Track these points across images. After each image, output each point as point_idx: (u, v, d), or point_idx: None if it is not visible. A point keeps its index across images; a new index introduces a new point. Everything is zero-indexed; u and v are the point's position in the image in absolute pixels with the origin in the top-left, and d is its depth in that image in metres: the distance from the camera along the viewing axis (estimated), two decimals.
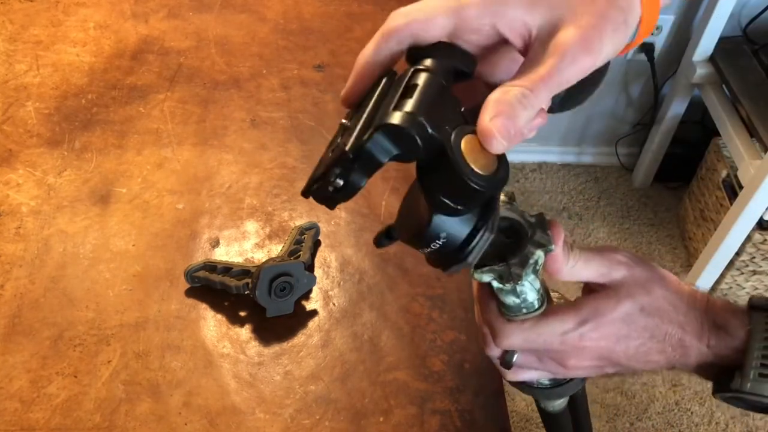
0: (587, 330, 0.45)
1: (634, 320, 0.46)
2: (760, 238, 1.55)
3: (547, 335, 0.45)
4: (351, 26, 0.99)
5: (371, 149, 0.33)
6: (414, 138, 0.32)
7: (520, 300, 0.44)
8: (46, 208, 0.72)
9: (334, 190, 0.35)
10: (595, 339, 0.45)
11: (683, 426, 1.52)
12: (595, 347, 0.46)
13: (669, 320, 0.46)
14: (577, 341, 0.45)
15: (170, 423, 0.57)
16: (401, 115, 0.33)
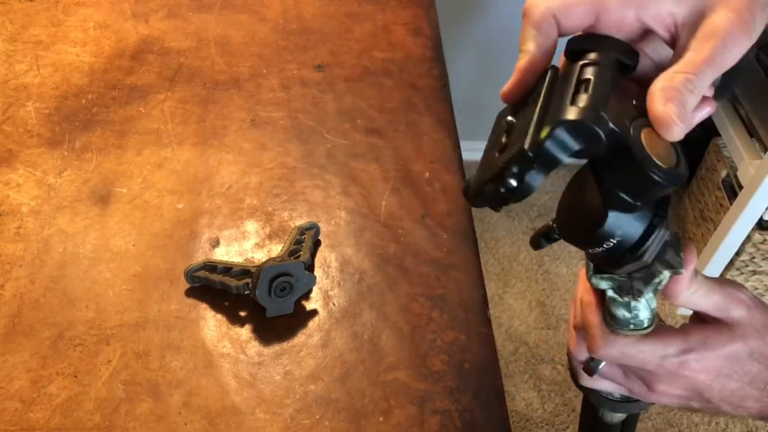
0: (690, 359, 0.43)
1: (740, 362, 0.43)
2: (759, 238, 1.56)
3: (648, 355, 0.43)
4: (351, 26, 1.00)
5: (551, 147, 0.32)
6: (597, 133, 0.31)
7: (631, 315, 0.42)
8: (46, 208, 0.72)
9: (506, 191, 0.34)
10: (695, 370, 0.43)
11: (683, 426, 1.52)
12: (691, 378, 0.43)
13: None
14: (676, 368, 0.43)
15: (170, 423, 0.57)
16: (582, 110, 0.32)
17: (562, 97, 0.33)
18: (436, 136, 0.84)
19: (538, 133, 0.32)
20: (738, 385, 0.44)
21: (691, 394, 0.45)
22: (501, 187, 0.33)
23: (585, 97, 0.32)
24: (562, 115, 0.32)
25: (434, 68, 0.94)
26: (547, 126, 0.32)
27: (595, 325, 0.44)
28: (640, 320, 0.43)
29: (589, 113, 0.31)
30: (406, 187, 0.78)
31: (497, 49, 1.79)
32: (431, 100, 0.89)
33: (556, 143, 0.32)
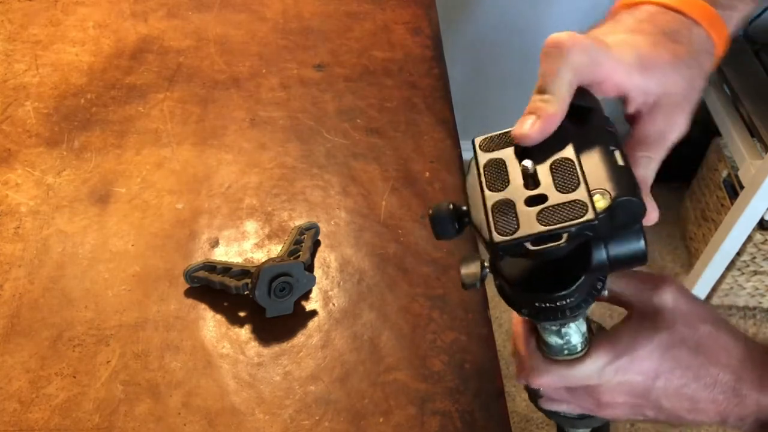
0: (624, 363, 0.42)
1: (675, 356, 0.42)
2: (761, 238, 1.55)
3: (587, 372, 0.43)
4: (351, 26, 0.99)
5: (605, 219, 0.32)
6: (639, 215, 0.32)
7: (563, 341, 0.42)
8: (45, 208, 0.72)
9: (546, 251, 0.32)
10: (631, 372, 0.42)
11: (683, 426, 1.52)
12: (630, 382, 0.42)
13: (718, 363, 0.42)
14: (613, 375, 0.42)
15: (169, 423, 0.57)
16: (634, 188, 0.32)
17: (602, 165, 0.33)
18: (436, 135, 0.84)
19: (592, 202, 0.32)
20: (681, 381, 0.42)
21: (637, 400, 0.44)
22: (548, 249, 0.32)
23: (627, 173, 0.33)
24: (623, 191, 0.32)
25: (434, 68, 0.94)
26: (606, 198, 0.32)
27: (527, 356, 0.44)
28: (573, 345, 0.42)
29: (635, 188, 0.32)
30: (406, 187, 0.78)
31: (497, 49, 1.79)
32: (431, 99, 0.89)
33: (612, 216, 0.32)
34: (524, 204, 0.33)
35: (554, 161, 0.34)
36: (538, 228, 0.31)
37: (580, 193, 0.32)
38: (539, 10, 1.69)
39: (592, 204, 0.31)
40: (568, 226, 0.31)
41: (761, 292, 1.70)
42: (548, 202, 0.32)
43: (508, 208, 0.33)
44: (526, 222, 0.32)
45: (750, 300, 1.73)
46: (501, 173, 0.35)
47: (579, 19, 1.72)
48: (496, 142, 0.37)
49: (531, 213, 0.32)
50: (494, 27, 1.74)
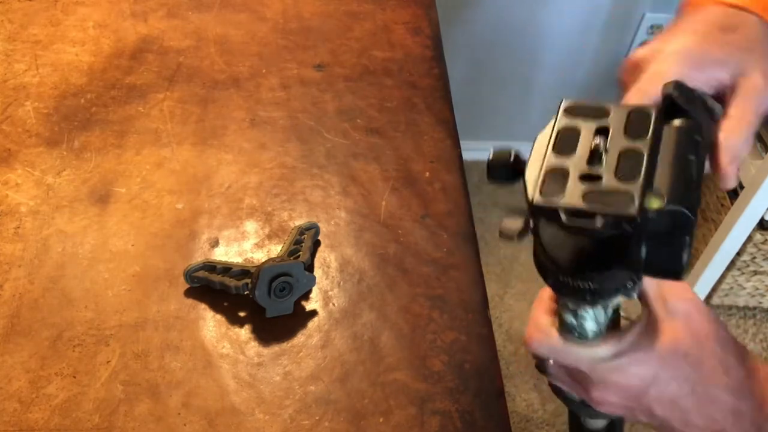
0: (623, 363, 0.42)
1: (675, 366, 0.41)
2: (761, 238, 1.55)
3: (576, 357, 0.43)
4: (351, 26, 0.99)
5: (650, 218, 0.31)
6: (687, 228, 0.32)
7: (577, 324, 0.42)
8: (44, 208, 0.72)
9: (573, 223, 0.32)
10: (627, 375, 0.42)
11: None
12: (625, 385, 0.42)
13: (719, 382, 0.41)
14: (607, 374, 0.42)
15: (169, 423, 0.57)
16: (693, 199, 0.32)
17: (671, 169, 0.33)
18: (436, 135, 0.84)
19: (644, 199, 0.31)
20: (677, 392, 0.42)
21: (630, 403, 0.43)
22: (579, 225, 0.32)
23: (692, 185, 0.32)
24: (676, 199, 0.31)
25: (434, 68, 0.94)
26: (658, 201, 0.31)
27: (538, 320, 0.45)
28: (584, 330, 0.42)
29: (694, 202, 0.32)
30: (406, 187, 0.78)
31: (497, 49, 1.79)
32: (431, 99, 0.89)
33: (658, 221, 0.32)
34: (578, 177, 0.33)
35: (626, 149, 0.34)
36: (579, 204, 0.32)
37: (633, 187, 0.32)
38: (539, 10, 1.69)
39: (641, 201, 0.31)
40: (606, 212, 0.31)
41: (761, 292, 1.70)
42: (601, 184, 0.32)
43: (561, 175, 0.33)
44: (571, 194, 0.32)
45: (750, 300, 1.73)
46: (571, 141, 0.35)
47: (578, 20, 1.72)
48: (583, 111, 0.37)
49: (579, 187, 0.32)
50: (494, 27, 1.74)
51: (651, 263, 0.35)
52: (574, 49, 1.79)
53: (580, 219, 0.32)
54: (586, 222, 0.31)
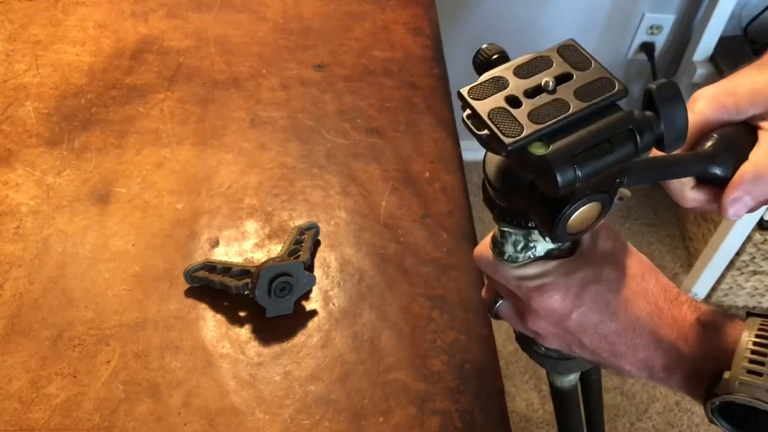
0: (546, 284, 0.44)
1: (595, 291, 0.43)
2: (760, 238, 1.55)
3: (504, 273, 0.45)
4: (351, 26, 0.99)
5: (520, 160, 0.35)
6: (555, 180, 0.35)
7: (499, 242, 0.45)
8: (45, 208, 0.72)
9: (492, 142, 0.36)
10: (549, 298, 0.44)
11: (683, 426, 1.52)
12: (549, 308, 0.44)
13: (637, 307, 0.43)
14: (531, 293, 0.44)
15: (169, 423, 0.57)
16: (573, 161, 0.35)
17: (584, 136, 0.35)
18: (436, 136, 0.84)
19: (530, 141, 0.35)
20: (597, 317, 0.43)
21: (559, 331, 0.45)
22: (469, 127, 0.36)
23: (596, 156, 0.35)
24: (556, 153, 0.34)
25: (434, 68, 0.94)
26: (542, 148, 0.34)
27: (486, 239, 0.47)
28: (503, 251, 0.45)
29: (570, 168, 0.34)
30: (406, 187, 0.78)
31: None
32: (431, 99, 0.89)
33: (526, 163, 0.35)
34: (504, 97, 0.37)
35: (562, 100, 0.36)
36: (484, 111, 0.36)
37: (530, 127, 0.35)
38: (539, 10, 1.69)
39: (524, 139, 0.34)
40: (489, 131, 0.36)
41: (761, 291, 1.70)
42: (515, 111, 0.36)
43: (500, 86, 0.37)
44: (487, 103, 0.37)
45: (750, 300, 1.73)
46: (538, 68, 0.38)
47: (578, 20, 1.72)
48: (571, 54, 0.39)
49: (498, 102, 0.37)
50: (494, 27, 1.74)
51: (537, 219, 0.39)
52: None
53: (471, 124, 0.36)
54: (477, 128, 0.36)
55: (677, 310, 0.43)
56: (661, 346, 0.43)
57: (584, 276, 0.44)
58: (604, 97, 0.36)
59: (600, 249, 0.45)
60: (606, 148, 0.35)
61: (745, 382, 0.37)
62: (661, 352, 0.43)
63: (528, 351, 0.54)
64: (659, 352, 0.43)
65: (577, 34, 1.65)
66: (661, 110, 0.36)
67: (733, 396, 0.38)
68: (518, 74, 0.38)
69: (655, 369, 0.43)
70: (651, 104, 0.37)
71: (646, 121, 0.36)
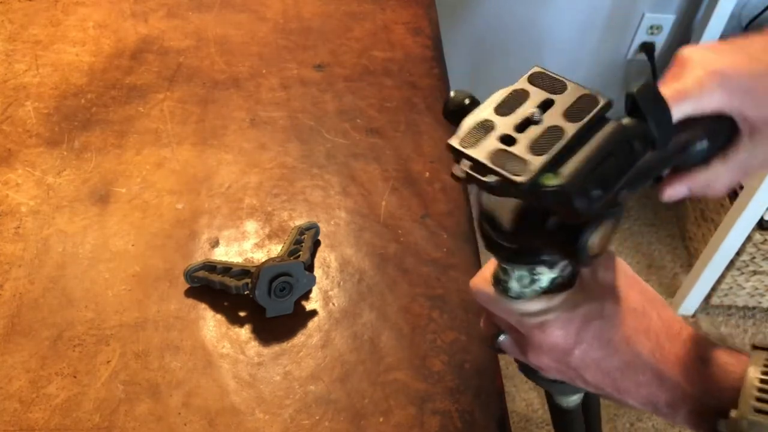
0: (548, 321, 0.43)
1: (597, 327, 0.42)
2: (760, 238, 1.55)
3: (506, 308, 0.44)
4: (351, 26, 0.99)
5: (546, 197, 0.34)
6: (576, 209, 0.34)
7: (503, 279, 0.44)
8: (45, 208, 0.72)
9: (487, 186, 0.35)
10: (551, 334, 0.43)
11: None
12: (551, 344, 0.43)
13: (639, 343, 0.42)
14: (533, 330, 0.43)
15: (170, 423, 0.57)
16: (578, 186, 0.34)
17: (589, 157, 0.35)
18: (436, 135, 0.84)
19: (541, 174, 0.34)
20: (599, 354, 0.43)
21: (560, 366, 0.44)
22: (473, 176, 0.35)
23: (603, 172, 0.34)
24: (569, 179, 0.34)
25: (434, 68, 0.94)
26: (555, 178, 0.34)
27: (484, 271, 0.46)
28: (508, 287, 0.44)
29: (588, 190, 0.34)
30: (406, 187, 0.78)
31: (497, 49, 1.79)
32: (431, 99, 0.89)
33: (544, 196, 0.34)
34: (497, 137, 0.36)
35: (554, 126, 0.36)
36: (482, 157, 0.35)
37: (537, 159, 0.34)
38: (539, 11, 1.69)
39: (537, 174, 0.33)
40: (499, 173, 0.34)
41: (761, 291, 1.70)
42: (513, 148, 0.35)
43: (487, 129, 0.36)
44: (483, 147, 0.35)
45: (749, 300, 1.73)
46: (515, 104, 0.37)
47: (578, 20, 1.72)
48: (543, 82, 0.39)
49: (494, 145, 0.35)
50: (494, 27, 1.74)
51: (555, 246, 0.38)
52: (574, 49, 1.79)
53: (476, 173, 0.35)
54: (480, 178, 0.35)
55: (679, 346, 0.42)
56: (664, 384, 0.42)
57: (586, 312, 0.43)
58: (594, 113, 0.36)
59: (600, 281, 0.44)
60: (611, 163, 0.35)
61: (754, 423, 0.36)
62: (664, 389, 0.42)
63: (532, 378, 0.53)
64: (662, 390, 0.42)
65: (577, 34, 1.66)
66: (648, 115, 0.36)
67: None
68: (500, 113, 0.37)
69: (659, 405, 0.43)
70: (635, 109, 0.37)
71: (639, 129, 0.36)
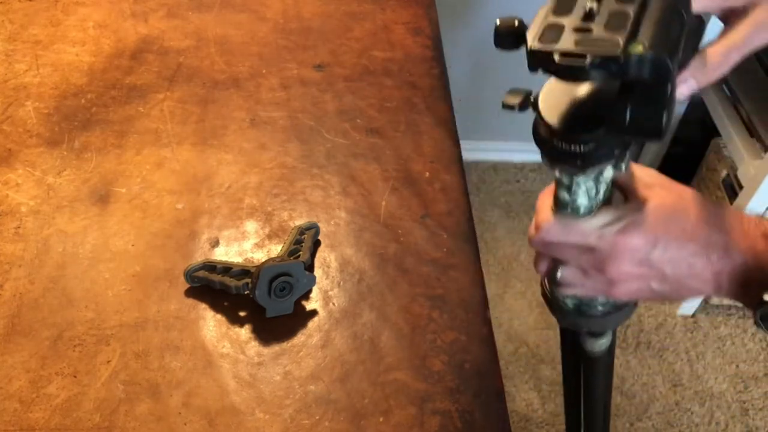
0: (625, 225, 0.45)
1: (671, 220, 0.45)
2: None
3: (585, 227, 0.46)
4: (351, 26, 0.99)
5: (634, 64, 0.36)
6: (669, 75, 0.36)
7: (570, 199, 0.45)
8: (45, 208, 0.72)
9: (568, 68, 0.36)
10: (633, 235, 0.45)
11: (683, 426, 1.52)
12: (634, 246, 0.45)
13: (708, 224, 0.46)
14: (616, 237, 0.45)
15: (170, 423, 0.57)
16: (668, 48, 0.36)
17: (655, 27, 0.37)
18: (436, 135, 0.84)
19: (628, 45, 0.36)
20: (678, 242, 0.45)
21: (642, 269, 0.46)
22: (570, 64, 0.36)
23: (673, 40, 0.37)
24: (656, 48, 0.36)
25: (434, 68, 0.94)
26: (639, 48, 0.36)
27: (542, 209, 0.48)
28: (577, 206, 0.46)
29: (672, 55, 0.36)
30: (406, 187, 0.78)
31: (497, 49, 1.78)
32: (431, 99, 0.89)
33: (639, 68, 0.36)
34: (572, 30, 0.38)
35: (615, 10, 0.38)
36: (571, 47, 0.36)
37: (620, 35, 0.36)
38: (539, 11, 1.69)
39: (625, 46, 0.36)
40: (595, 53, 0.36)
41: None
42: (592, 34, 0.37)
43: (557, 28, 0.38)
44: (565, 41, 0.37)
45: None
46: (568, 5, 0.40)
47: None
48: None
49: (573, 36, 0.37)
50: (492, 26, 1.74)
51: (633, 121, 0.39)
52: None
53: (572, 58, 0.36)
54: (577, 61, 0.36)
55: (743, 222, 0.46)
56: (731, 256, 0.45)
57: (657, 211, 0.46)
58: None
59: (647, 182, 0.47)
60: (674, 29, 0.38)
61: None
62: (731, 262, 0.45)
63: (566, 316, 0.55)
64: (729, 261, 0.45)
65: None
66: None
67: None
68: (559, 14, 0.39)
69: (722, 281, 0.46)
70: None
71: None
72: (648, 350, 1.65)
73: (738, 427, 1.53)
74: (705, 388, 1.58)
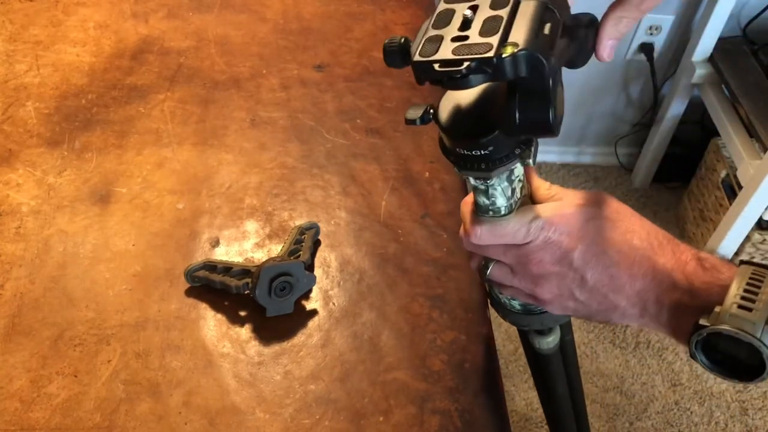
0: (550, 220, 0.46)
1: (596, 225, 0.46)
2: (759, 238, 1.56)
3: (514, 224, 0.46)
4: (351, 26, 1.00)
5: (508, 64, 0.37)
6: (545, 69, 0.37)
7: (489, 202, 0.47)
8: (46, 208, 0.72)
9: (448, 79, 0.37)
10: (555, 230, 0.46)
11: (683, 426, 1.52)
12: (556, 244, 0.46)
13: (634, 232, 0.46)
14: (538, 232, 0.46)
15: (170, 423, 0.57)
16: (541, 45, 0.37)
17: (526, 28, 0.38)
18: (435, 135, 0.84)
19: (501, 47, 0.37)
20: (601, 249, 0.45)
21: (563, 269, 0.46)
22: (448, 72, 0.37)
23: (545, 38, 0.38)
24: (528, 46, 0.37)
25: None
26: (513, 48, 0.37)
27: (466, 215, 0.49)
28: (497, 207, 0.47)
29: (545, 51, 0.37)
30: (406, 187, 0.78)
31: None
32: (431, 99, 0.89)
33: (513, 63, 0.37)
34: (450, 40, 0.39)
35: (489, 16, 0.40)
36: (448, 55, 0.38)
37: (492, 39, 0.38)
38: None
39: (498, 48, 0.37)
40: (470, 57, 0.37)
41: None
42: (468, 41, 0.38)
43: (437, 40, 0.39)
44: (443, 51, 0.38)
45: None
46: (447, 18, 0.41)
47: None
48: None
49: (450, 45, 0.38)
50: None
51: (524, 120, 0.40)
52: None
53: (450, 67, 0.37)
54: (455, 68, 0.37)
55: (676, 246, 0.46)
56: (657, 275, 0.45)
57: (584, 212, 0.46)
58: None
59: (582, 191, 0.48)
60: (548, 28, 0.39)
61: (735, 315, 0.40)
62: (656, 282, 0.45)
63: (507, 316, 0.57)
64: (654, 282, 0.45)
65: None
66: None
67: (721, 327, 0.40)
68: (439, 27, 0.41)
69: (648, 303, 0.45)
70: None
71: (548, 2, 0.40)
72: (647, 350, 1.65)
73: (737, 427, 1.53)
74: (704, 388, 1.58)
